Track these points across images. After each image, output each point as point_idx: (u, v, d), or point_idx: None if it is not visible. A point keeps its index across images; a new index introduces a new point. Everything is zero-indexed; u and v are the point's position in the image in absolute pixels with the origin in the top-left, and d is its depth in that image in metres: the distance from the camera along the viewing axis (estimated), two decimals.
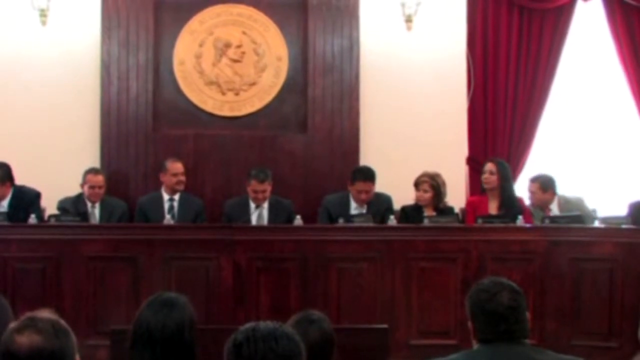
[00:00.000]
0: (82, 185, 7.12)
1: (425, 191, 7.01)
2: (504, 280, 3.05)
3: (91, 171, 7.16)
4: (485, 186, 7.19)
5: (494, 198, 7.18)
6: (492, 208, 7.14)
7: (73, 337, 2.45)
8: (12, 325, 2.42)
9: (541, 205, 7.20)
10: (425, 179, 7.03)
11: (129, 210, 7.31)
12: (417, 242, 6.39)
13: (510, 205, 7.06)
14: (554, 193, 7.20)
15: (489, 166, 7.21)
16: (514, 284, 3.04)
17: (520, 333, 2.94)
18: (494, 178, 7.15)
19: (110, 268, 6.21)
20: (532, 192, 7.23)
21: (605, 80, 8.41)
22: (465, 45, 8.01)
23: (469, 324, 3.04)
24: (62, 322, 2.46)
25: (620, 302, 6.23)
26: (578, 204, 7.22)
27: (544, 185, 7.18)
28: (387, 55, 7.87)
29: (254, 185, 7.03)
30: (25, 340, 2.36)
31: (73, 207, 7.03)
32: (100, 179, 7.13)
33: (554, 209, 7.17)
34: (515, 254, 6.37)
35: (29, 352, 2.35)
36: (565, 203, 7.20)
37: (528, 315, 3.02)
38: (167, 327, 3.03)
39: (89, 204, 7.12)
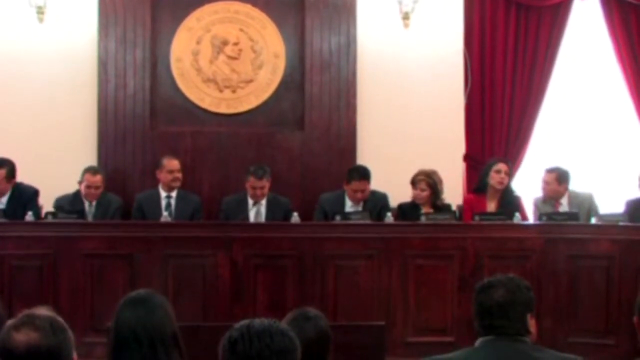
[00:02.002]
0: (79, 183, 7.12)
1: (422, 190, 7.00)
2: (510, 278, 3.05)
3: (90, 170, 7.14)
4: (499, 187, 7.12)
5: (493, 197, 7.17)
6: (491, 207, 7.13)
7: (70, 335, 2.45)
8: (10, 322, 2.42)
9: (553, 197, 7.17)
10: (422, 177, 7.02)
11: (125, 206, 7.30)
12: (414, 240, 6.39)
13: (510, 203, 7.06)
14: (567, 187, 7.19)
15: (504, 167, 7.16)
16: (519, 283, 3.04)
17: (512, 330, 2.95)
18: (507, 179, 7.15)
19: (107, 265, 6.22)
20: (546, 183, 7.16)
21: (603, 77, 8.41)
22: (462, 43, 8.01)
23: None
24: (60, 319, 2.46)
25: (617, 300, 6.24)
26: (588, 200, 7.22)
27: (561, 177, 7.15)
28: (385, 52, 7.87)
29: (252, 181, 7.03)
30: (23, 337, 2.35)
31: (70, 205, 7.02)
32: (98, 179, 7.11)
33: (564, 204, 7.16)
34: (512, 252, 6.38)
35: (26, 350, 2.34)
36: (575, 198, 7.19)
37: (529, 315, 3.02)
38: (149, 325, 3.01)
39: (86, 202, 7.11)
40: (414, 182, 7.04)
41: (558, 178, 7.14)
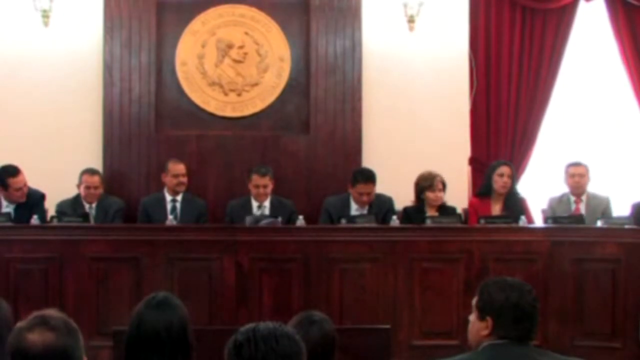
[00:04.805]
0: (78, 186, 7.12)
1: (440, 190, 6.98)
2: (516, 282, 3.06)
3: (87, 171, 7.15)
4: (502, 191, 7.13)
5: (498, 200, 7.17)
6: (495, 210, 7.13)
7: (81, 336, 2.45)
8: (20, 323, 2.41)
9: (581, 192, 7.20)
10: (437, 177, 6.97)
11: (129, 209, 7.30)
12: (419, 243, 6.38)
13: (514, 205, 7.06)
14: None
15: (506, 170, 7.15)
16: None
17: (535, 334, 2.97)
18: (510, 182, 7.14)
19: (113, 269, 6.21)
20: (580, 176, 7.19)
21: (608, 80, 8.40)
22: (467, 46, 8.00)
23: (486, 321, 2.98)
24: (72, 321, 2.46)
25: (623, 303, 6.23)
26: (605, 202, 7.23)
27: (587, 169, 7.23)
28: (390, 55, 7.87)
29: (255, 179, 7.04)
30: (38, 337, 2.33)
31: (71, 209, 7.02)
32: (96, 179, 7.12)
33: (583, 203, 7.18)
34: (517, 255, 6.36)
35: (43, 349, 2.32)
36: (593, 199, 7.21)
37: None
38: (173, 327, 3.02)
39: (86, 205, 7.11)
40: (430, 185, 6.95)
41: (587, 170, 7.19)
